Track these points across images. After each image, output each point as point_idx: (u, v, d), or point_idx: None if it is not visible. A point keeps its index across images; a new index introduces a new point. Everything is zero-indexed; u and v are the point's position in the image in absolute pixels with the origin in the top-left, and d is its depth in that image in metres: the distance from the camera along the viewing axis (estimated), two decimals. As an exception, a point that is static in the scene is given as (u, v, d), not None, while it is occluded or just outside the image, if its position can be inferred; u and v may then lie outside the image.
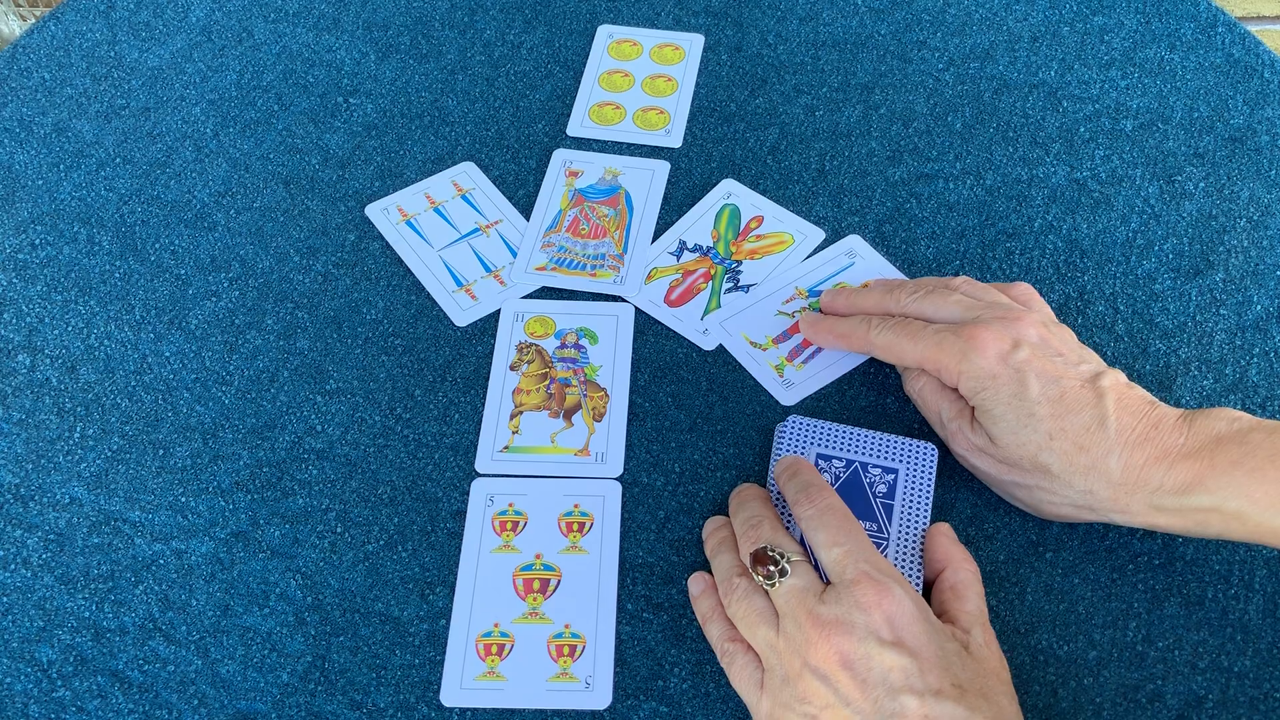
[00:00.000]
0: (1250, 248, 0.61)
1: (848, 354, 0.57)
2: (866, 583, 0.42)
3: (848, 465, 0.51)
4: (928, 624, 0.42)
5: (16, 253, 0.62)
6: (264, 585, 0.50)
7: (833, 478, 0.50)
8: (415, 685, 0.47)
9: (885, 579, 0.42)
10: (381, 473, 0.53)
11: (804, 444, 0.52)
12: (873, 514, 0.50)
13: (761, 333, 0.57)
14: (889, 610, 0.41)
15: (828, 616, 0.42)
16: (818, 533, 0.45)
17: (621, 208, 0.64)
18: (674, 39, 0.74)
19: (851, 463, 0.51)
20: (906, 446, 0.52)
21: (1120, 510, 0.45)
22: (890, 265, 0.60)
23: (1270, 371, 0.56)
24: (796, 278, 0.60)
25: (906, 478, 0.51)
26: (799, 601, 0.43)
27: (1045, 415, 0.46)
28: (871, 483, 0.51)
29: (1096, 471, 0.45)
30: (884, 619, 0.41)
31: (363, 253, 0.62)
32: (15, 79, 0.71)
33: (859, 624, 0.41)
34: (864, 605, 0.41)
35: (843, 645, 0.41)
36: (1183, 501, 0.44)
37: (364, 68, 0.72)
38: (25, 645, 0.48)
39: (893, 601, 0.41)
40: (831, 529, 0.44)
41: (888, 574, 0.43)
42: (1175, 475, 0.44)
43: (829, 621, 0.42)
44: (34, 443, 0.54)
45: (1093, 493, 0.46)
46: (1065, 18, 0.74)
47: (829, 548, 0.44)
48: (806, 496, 0.46)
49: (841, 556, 0.43)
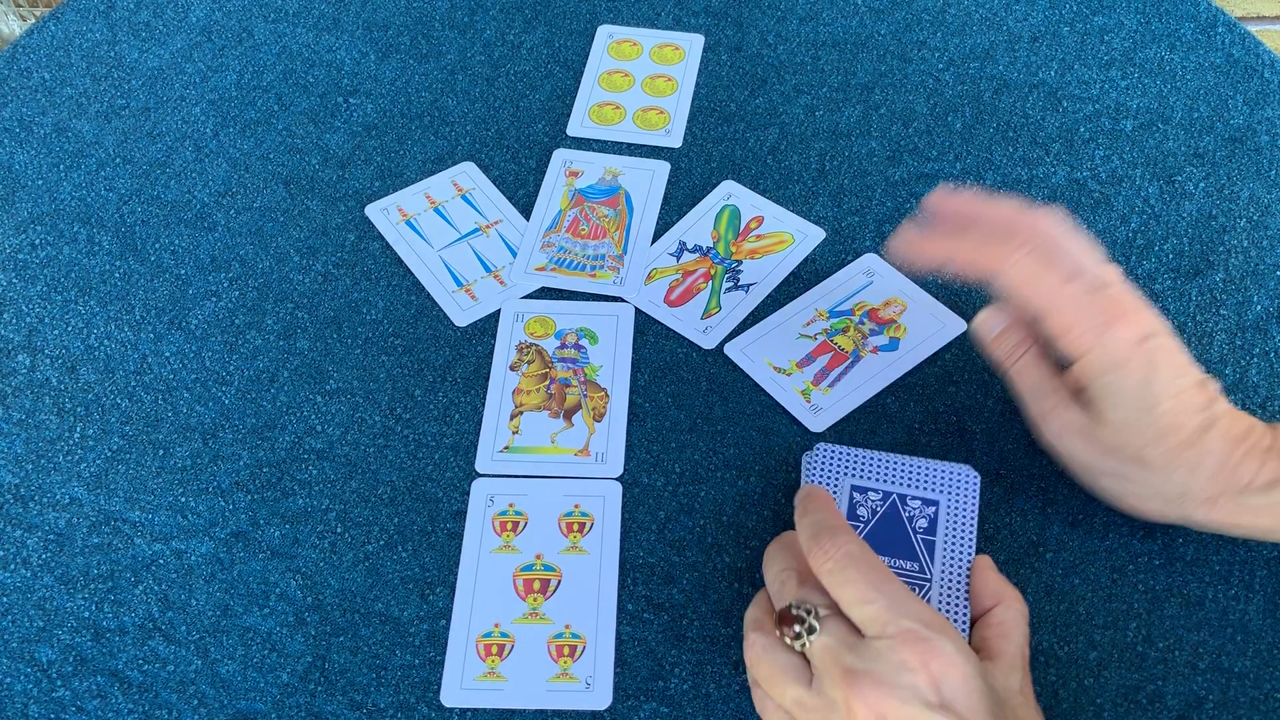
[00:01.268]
0: (1250, 248, 0.61)
1: (876, 375, 0.55)
2: (910, 641, 0.38)
3: (885, 498, 0.47)
4: (980, 683, 0.38)
5: (16, 253, 0.62)
6: (264, 585, 0.50)
7: (869, 513, 0.46)
8: (415, 685, 0.47)
9: (931, 635, 0.38)
10: (381, 473, 0.53)
11: (836, 475, 0.48)
12: (914, 552, 0.46)
13: (785, 357, 0.57)
14: (937, 671, 0.37)
15: (866, 675, 0.38)
16: (843, 589, 0.40)
17: (621, 208, 0.64)
18: (674, 39, 0.74)
19: (889, 495, 0.47)
20: (947, 474, 0.48)
21: (1208, 507, 0.45)
22: (910, 282, 0.60)
23: (1270, 371, 0.56)
24: (816, 300, 0.59)
25: (949, 509, 0.47)
26: (833, 659, 0.39)
27: (1167, 409, 0.44)
28: (911, 517, 0.47)
29: (1198, 468, 0.44)
30: (930, 681, 0.37)
31: (363, 253, 0.62)
32: (15, 79, 0.71)
33: (903, 684, 0.37)
34: (906, 664, 0.37)
35: (883, 707, 0.37)
36: (1270, 498, 0.44)
37: (364, 68, 0.72)
38: (25, 645, 0.48)
39: (942, 661, 0.37)
40: (858, 584, 0.40)
41: (933, 627, 0.38)
42: (1266, 472, 0.44)
43: (868, 681, 0.38)
44: (34, 443, 0.54)
45: (1187, 490, 0.45)
46: (1065, 18, 0.74)
47: (860, 605, 0.40)
48: (819, 545, 0.41)
49: (878, 614, 0.39)
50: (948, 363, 0.57)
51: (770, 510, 0.52)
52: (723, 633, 0.48)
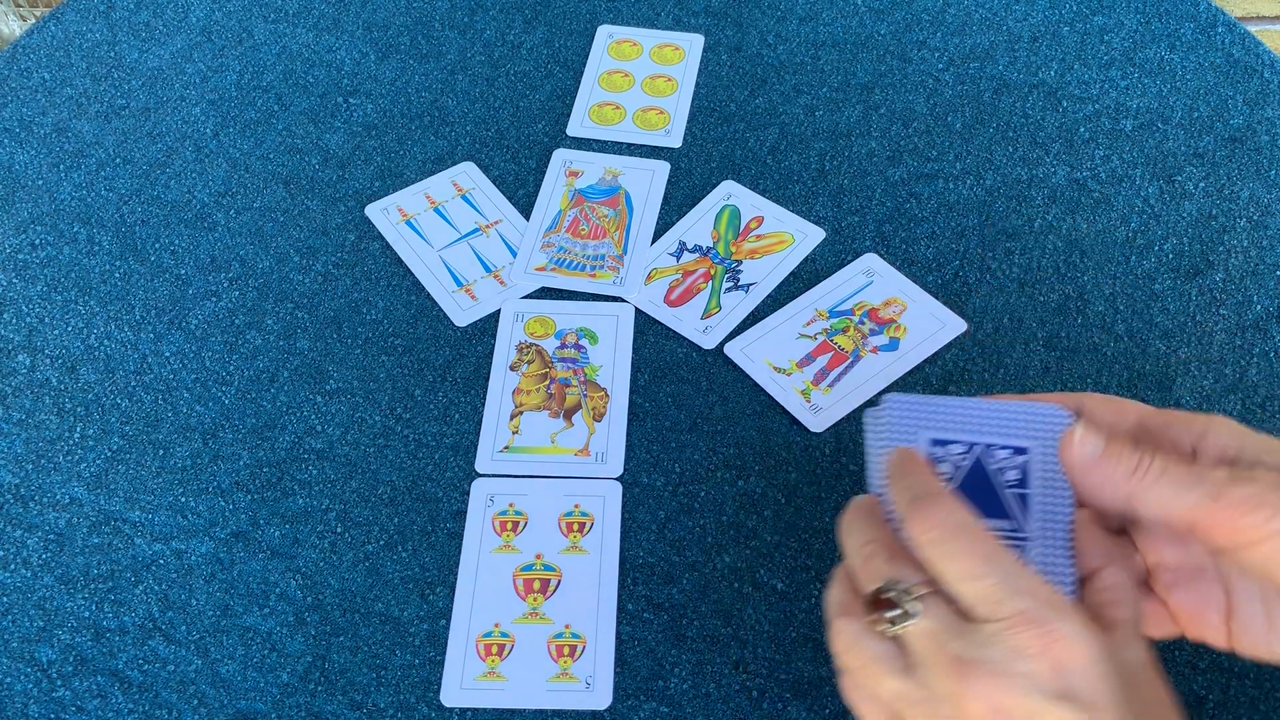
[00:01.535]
0: (1250, 248, 0.61)
1: (876, 375, 0.55)
2: (1027, 623, 0.33)
3: (968, 449, 0.40)
4: (1106, 667, 0.33)
5: (16, 253, 0.62)
6: (264, 585, 0.50)
7: (952, 468, 0.40)
8: (415, 685, 0.47)
9: (1050, 615, 0.34)
10: (381, 473, 0.53)
11: (910, 430, 0.41)
12: (1005, 509, 0.40)
13: (785, 357, 0.57)
14: (1059, 656, 0.33)
15: (979, 665, 0.34)
16: (947, 564, 0.35)
17: (621, 208, 0.64)
18: (674, 39, 0.74)
19: (973, 446, 0.40)
20: (1035, 416, 0.40)
21: None
22: (910, 282, 0.60)
23: (1270, 371, 0.56)
24: (816, 299, 0.59)
25: (1041, 457, 0.40)
26: (936, 647, 0.35)
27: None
28: (1000, 469, 0.40)
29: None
30: (1051, 667, 0.33)
31: (363, 253, 0.62)
32: (15, 79, 0.71)
33: (1021, 673, 0.33)
34: (1024, 651, 0.33)
35: (998, 698, 0.33)
36: None
37: (364, 68, 0.72)
38: (25, 645, 0.48)
39: (1063, 645, 0.33)
40: (965, 558, 0.35)
41: (1052, 606, 0.34)
42: None
43: (981, 671, 0.34)
44: (34, 443, 0.54)
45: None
46: (1065, 18, 0.74)
47: (968, 582, 0.35)
48: (919, 514, 0.36)
49: (989, 592, 0.34)
50: (948, 363, 0.57)
51: (770, 510, 0.52)
52: (723, 633, 0.48)
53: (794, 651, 0.48)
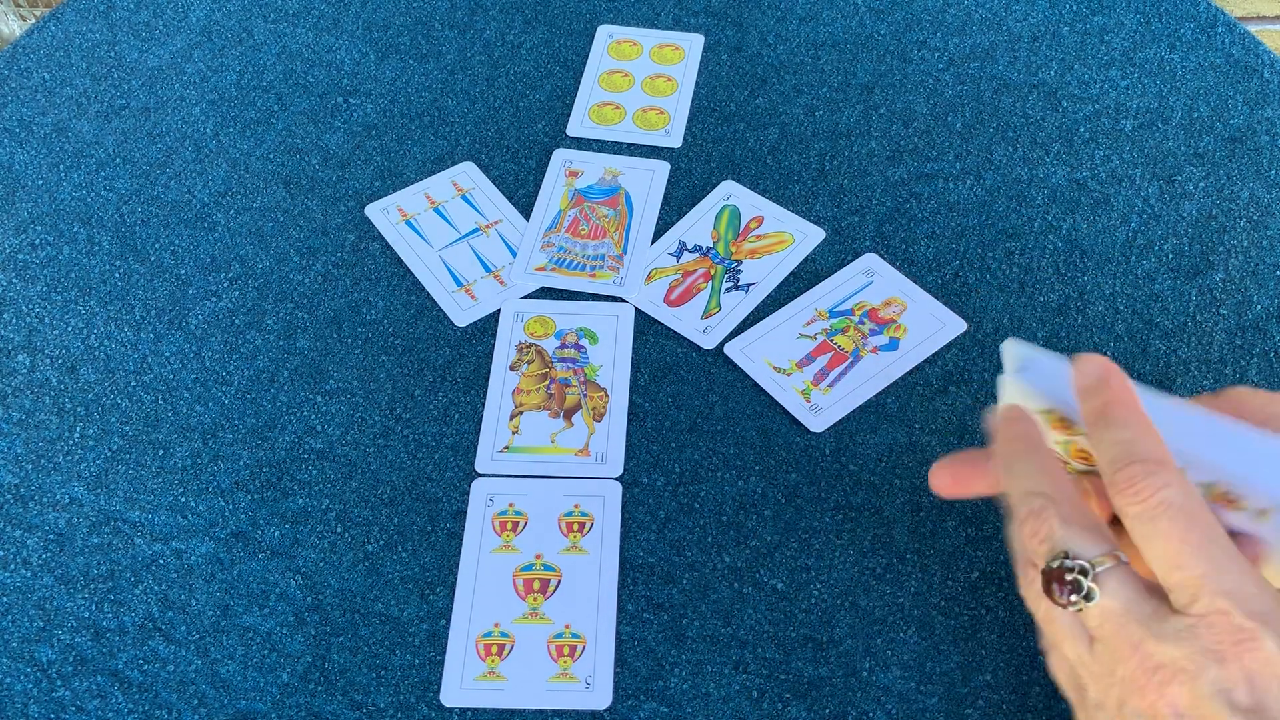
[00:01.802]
0: (1250, 248, 0.61)
1: (876, 375, 0.55)
2: (1225, 626, 0.30)
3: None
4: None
5: (16, 253, 0.62)
6: (264, 585, 0.50)
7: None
8: (415, 685, 0.47)
9: (1251, 624, 0.30)
10: (381, 473, 0.53)
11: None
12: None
13: (784, 357, 0.57)
14: (1251, 667, 0.30)
15: (1161, 657, 0.31)
16: (1151, 544, 0.32)
17: (621, 208, 0.64)
18: (674, 39, 0.74)
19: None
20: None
21: None
22: (910, 282, 0.60)
23: (1270, 371, 0.56)
24: (816, 299, 0.59)
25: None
26: (1118, 629, 0.32)
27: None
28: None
29: None
30: (1244, 676, 0.30)
31: (363, 253, 0.62)
32: (15, 79, 0.71)
33: (1207, 676, 0.30)
34: (1218, 654, 0.30)
35: (1179, 698, 0.31)
36: None
37: (364, 68, 0.72)
38: (25, 645, 0.48)
39: (1259, 657, 0.30)
40: (1172, 542, 0.31)
41: (1257, 614, 0.30)
42: None
43: (1162, 664, 0.31)
44: (34, 443, 0.54)
45: None
46: (1065, 18, 0.74)
47: (1172, 570, 0.31)
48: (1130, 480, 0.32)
49: (1192, 583, 0.31)
50: (948, 363, 0.57)
51: (770, 510, 0.52)
52: (723, 632, 0.48)
53: (794, 651, 0.48)
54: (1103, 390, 0.35)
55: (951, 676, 0.47)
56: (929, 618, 0.48)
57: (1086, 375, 0.35)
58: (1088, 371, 0.36)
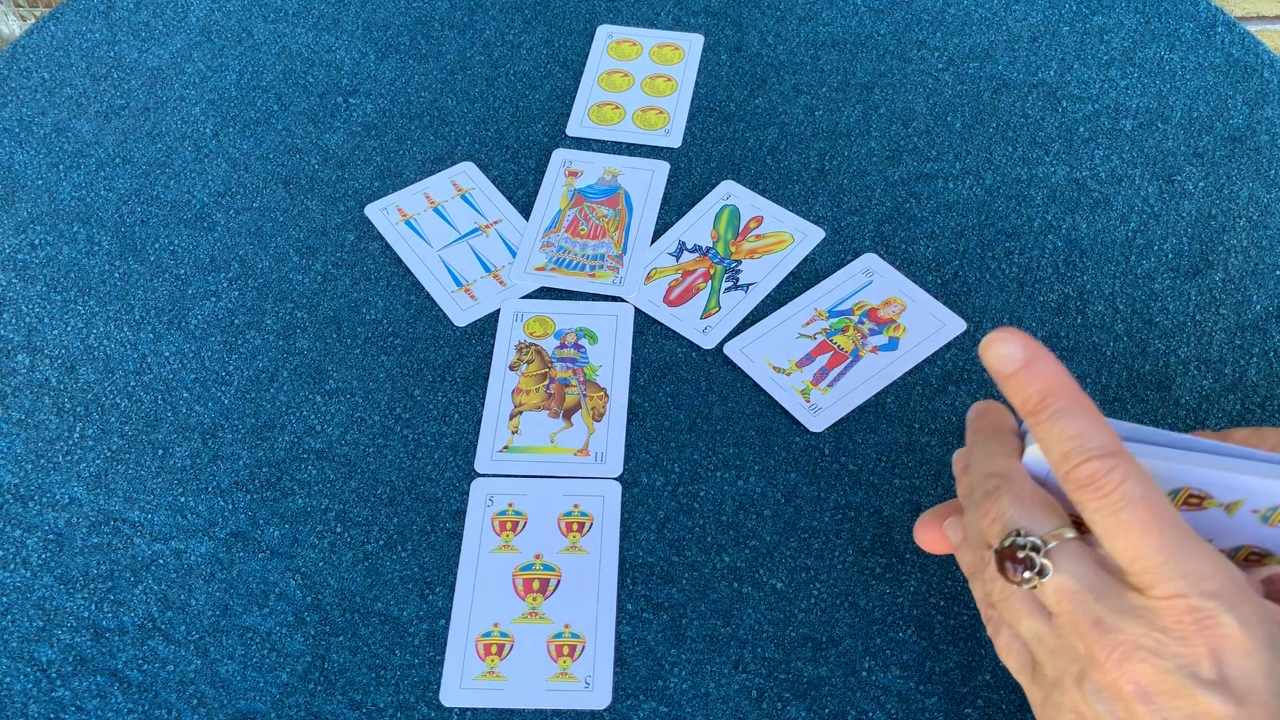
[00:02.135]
0: (1250, 248, 0.61)
1: (876, 374, 0.56)
2: (1183, 608, 0.30)
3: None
4: (1269, 659, 0.30)
5: (16, 253, 0.62)
6: (263, 585, 0.50)
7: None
8: (415, 685, 0.47)
9: (1211, 602, 0.30)
10: (381, 473, 0.53)
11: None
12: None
13: (784, 357, 0.57)
14: (1213, 643, 0.30)
15: (1122, 635, 0.31)
16: (1115, 538, 0.31)
17: (621, 208, 0.64)
18: (673, 39, 0.74)
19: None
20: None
21: None
22: (910, 282, 0.60)
23: (1269, 371, 0.56)
24: (815, 299, 0.59)
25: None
26: (1076, 604, 0.32)
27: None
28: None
29: None
30: (1207, 651, 0.30)
31: (362, 253, 0.62)
32: (15, 79, 0.71)
33: (1169, 652, 0.30)
34: (1180, 634, 0.30)
35: (1142, 675, 0.31)
36: None
37: (364, 68, 0.72)
38: (25, 645, 0.48)
39: (1218, 633, 0.30)
40: (1134, 534, 0.31)
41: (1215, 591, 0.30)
42: None
43: (1123, 640, 0.31)
44: (33, 443, 0.54)
45: None
46: (1065, 18, 0.74)
47: (1134, 560, 0.31)
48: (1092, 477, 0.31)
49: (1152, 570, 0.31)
50: (948, 362, 0.57)
51: (770, 510, 0.52)
52: (722, 632, 0.48)
53: (794, 651, 0.48)
54: (1032, 377, 0.33)
55: (951, 676, 0.47)
56: (928, 617, 0.48)
57: (1005, 360, 0.33)
58: (1005, 355, 0.33)
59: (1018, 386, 0.33)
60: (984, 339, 0.34)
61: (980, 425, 0.38)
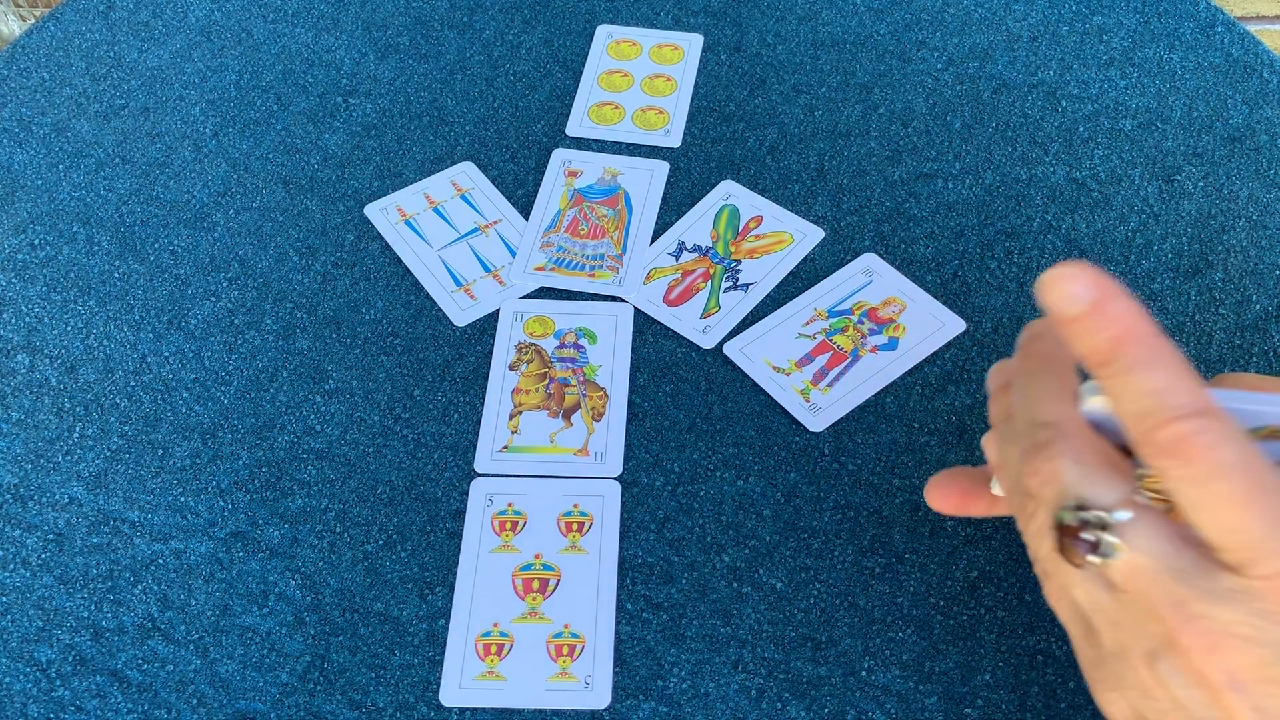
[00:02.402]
0: (1249, 247, 0.61)
1: (875, 374, 0.55)
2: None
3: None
4: None
5: (16, 253, 0.62)
6: (263, 585, 0.50)
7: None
8: (415, 685, 0.47)
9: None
10: (381, 473, 0.53)
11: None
12: None
13: (784, 357, 0.57)
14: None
15: (1213, 620, 0.27)
16: (1206, 509, 0.27)
17: (620, 208, 0.64)
18: (673, 39, 0.74)
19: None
20: None
21: None
22: (909, 282, 0.60)
23: (1270, 371, 0.56)
24: (815, 299, 0.59)
25: None
26: (1153, 584, 0.28)
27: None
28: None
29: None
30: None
31: (362, 253, 0.62)
32: (15, 79, 0.71)
33: (1269, 640, 0.26)
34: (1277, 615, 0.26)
35: (1236, 663, 0.27)
36: None
37: (364, 68, 0.72)
38: (25, 645, 0.48)
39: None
40: (1236, 506, 0.26)
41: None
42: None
43: (1213, 629, 0.27)
44: (33, 443, 0.54)
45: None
46: (1064, 18, 0.74)
47: (1228, 533, 0.27)
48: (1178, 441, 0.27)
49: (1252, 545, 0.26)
50: (947, 362, 0.57)
51: (770, 510, 0.52)
52: (722, 632, 0.48)
53: (793, 651, 0.48)
54: (1104, 321, 0.28)
55: (950, 676, 0.47)
56: (928, 617, 0.48)
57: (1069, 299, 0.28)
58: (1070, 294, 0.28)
59: (1085, 332, 0.28)
60: (1044, 275, 0.28)
61: (1032, 352, 0.32)
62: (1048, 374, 0.31)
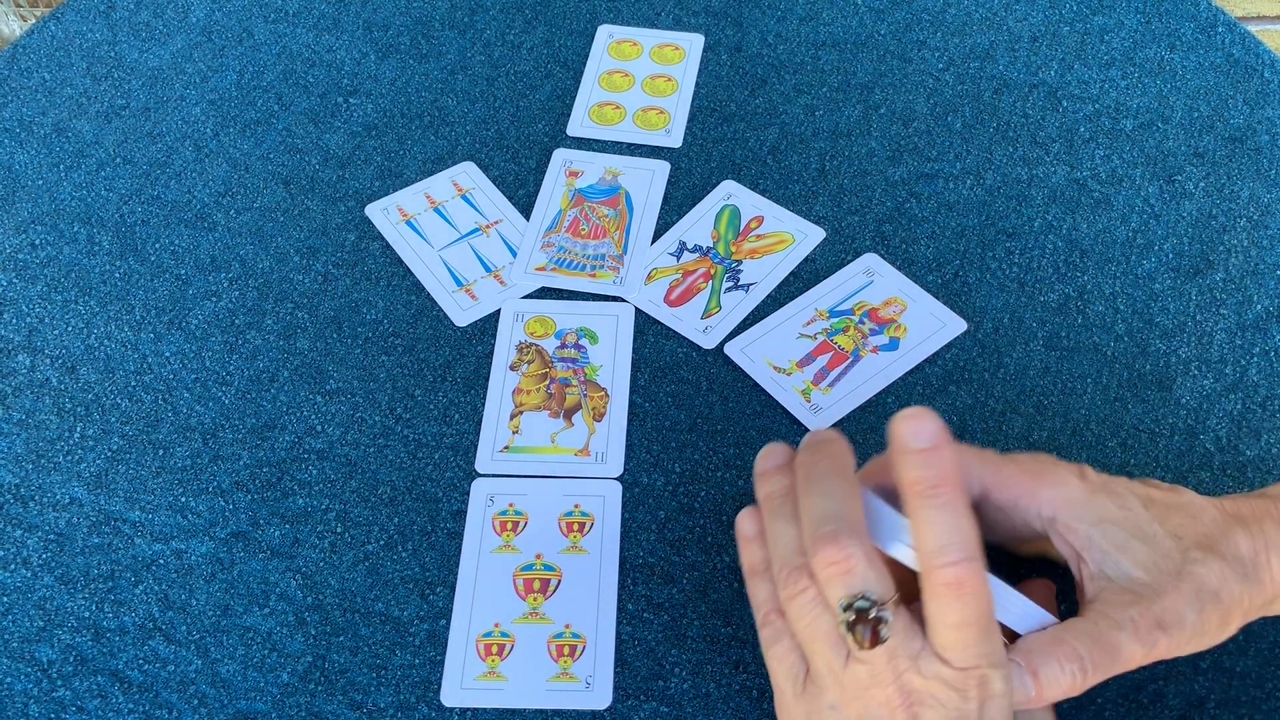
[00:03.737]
0: (1250, 247, 0.61)
1: (876, 374, 0.55)
2: (976, 677, 0.35)
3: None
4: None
5: (16, 253, 0.62)
6: (264, 585, 0.50)
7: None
8: (415, 685, 0.47)
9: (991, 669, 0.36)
10: (381, 473, 0.53)
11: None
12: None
13: (785, 357, 0.57)
14: (983, 697, 0.36)
15: (922, 690, 0.36)
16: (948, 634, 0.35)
17: (621, 208, 0.64)
18: (674, 39, 0.74)
19: None
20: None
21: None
22: (910, 282, 0.60)
23: (1270, 371, 0.56)
24: (816, 299, 0.59)
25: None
26: (888, 661, 0.36)
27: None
28: None
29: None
30: (978, 703, 0.35)
31: (363, 253, 0.62)
32: (15, 79, 0.71)
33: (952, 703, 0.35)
34: (962, 691, 0.35)
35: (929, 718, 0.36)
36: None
37: (364, 68, 0.72)
38: (25, 645, 0.48)
39: (991, 689, 0.36)
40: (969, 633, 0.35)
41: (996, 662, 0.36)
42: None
43: (918, 692, 0.36)
44: (34, 443, 0.54)
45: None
46: (1065, 18, 0.74)
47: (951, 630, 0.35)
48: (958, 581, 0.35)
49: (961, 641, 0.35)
50: (948, 363, 0.57)
51: (770, 510, 0.52)
52: (723, 632, 0.48)
53: (794, 651, 0.47)
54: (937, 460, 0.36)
55: (952, 676, 0.47)
56: (929, 617, 0.48)
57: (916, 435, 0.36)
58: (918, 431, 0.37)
59: (917, 464, 0.36)
60: (898, 413, 0.36)
61: (824, 453, 0.39)
62: (841, 478, 0.38)
